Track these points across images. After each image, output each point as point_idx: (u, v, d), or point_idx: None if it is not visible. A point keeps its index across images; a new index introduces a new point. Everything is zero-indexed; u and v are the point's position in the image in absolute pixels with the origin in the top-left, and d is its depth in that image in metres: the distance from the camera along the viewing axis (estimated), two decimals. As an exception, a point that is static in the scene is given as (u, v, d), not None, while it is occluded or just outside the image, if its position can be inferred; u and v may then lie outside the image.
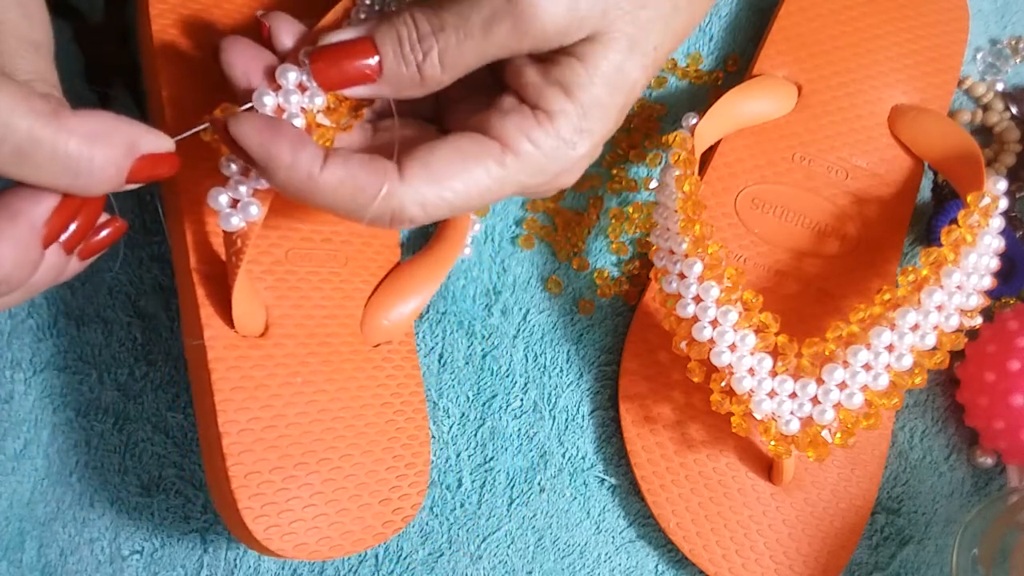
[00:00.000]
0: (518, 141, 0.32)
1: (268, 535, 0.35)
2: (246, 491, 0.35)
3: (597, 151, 0.35)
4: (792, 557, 0.41)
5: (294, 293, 0.39)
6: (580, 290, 0.46)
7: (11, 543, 0.41)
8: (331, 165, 0.30)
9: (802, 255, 0.45)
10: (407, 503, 0.39)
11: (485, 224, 0.46)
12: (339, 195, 0.31)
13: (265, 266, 0.39)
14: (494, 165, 0.32)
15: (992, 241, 0.40)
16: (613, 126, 0.34)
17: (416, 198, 0.31)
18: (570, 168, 0.34)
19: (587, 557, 0.43)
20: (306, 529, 0.36)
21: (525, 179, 0.33)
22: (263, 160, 0.30)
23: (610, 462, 0.44)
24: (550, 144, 0.32)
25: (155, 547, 0.41)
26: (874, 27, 0.48)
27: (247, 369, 0.37)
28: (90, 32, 0.44)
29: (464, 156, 0.32)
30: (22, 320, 0.42)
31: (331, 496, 0.37)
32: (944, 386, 0.46)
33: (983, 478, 0.45)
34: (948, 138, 0.45)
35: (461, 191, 0.32)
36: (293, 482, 0.36)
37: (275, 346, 0.38)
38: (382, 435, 0.39)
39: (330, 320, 0.40)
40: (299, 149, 0.30)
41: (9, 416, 0.42)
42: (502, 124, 0.32)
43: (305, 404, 0.38)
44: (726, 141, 0.46)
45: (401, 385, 0.41)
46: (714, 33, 0.50)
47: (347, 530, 0.37)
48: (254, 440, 0.36)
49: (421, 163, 0.31)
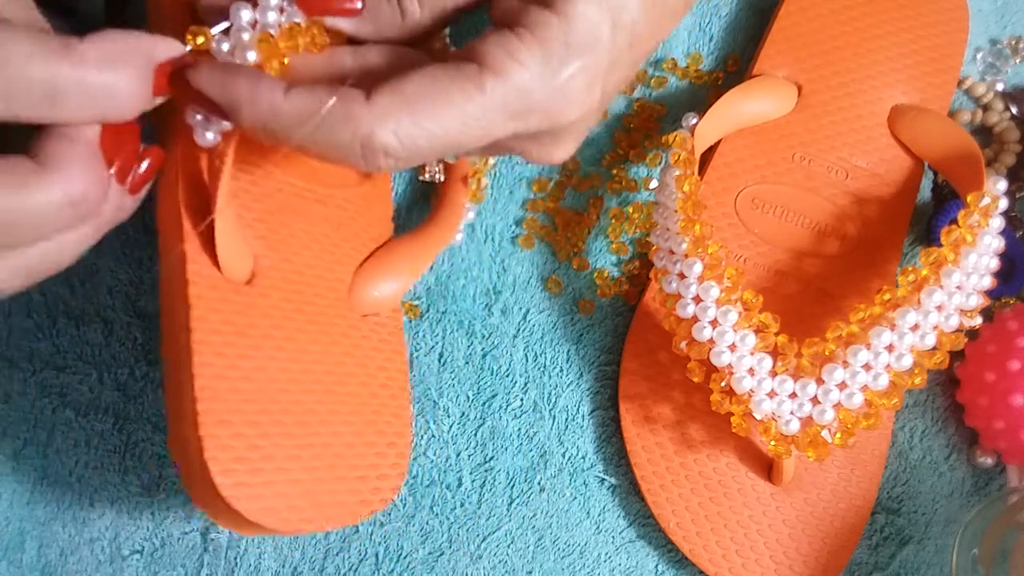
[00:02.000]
0: (499, 59, 0.30)
1: (235, 493, 0.32)
2: (215, 441, 0.32)
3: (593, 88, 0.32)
4: (792, 557, 0.41)
5: (284, 247, 0.37)
6: (580, 290, 0.46)
7: (11, 543, 0.41)
8: (293, 93, 0.30)
9: (802, 255, 0.45)
10: (386, 484, 0.37)
11: (485, 224, 0.46)
12: (305, 125, 0.29)
13: (256, 213, 0.37)
14: (473, 88, 0.29)
15: (992, 241, 0.40)
16: (607, 54, 0.31)
17: (388, 124, 0.29)
18: (562, 93, 0.31)
19: (587, 557, 0.43)
20: (277, 494, 0.33)
21: (512, 103, 0.30)
22: (225, 101, 0.30)
23: (610, 462, 0.44)
24: (534, 59, 0.30)
25: (155, 547, 0.41)
26: (874, 27, 0.48)
27: (228, 313, 0.34)
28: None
29: (438, 80, 0.29)
30: (22, 319, 0.42)
31: (307, 462, 0.34)
32: (944, 386, 0.46)
33: (983, 478, 0.45)
34: (948, 138, 0.45)
35: (438, 118, 0.29)
36: (267, 440, 0.33)
37: (260, 295, 0.36)
38: (364, 407, 0.38)
39: (318, 280, 0.38)
40: (256, 81, 0.30)
41: (9, 416, 0.42)
42: (482, 46, 0.30)
43: (286, 360, 0.35)
44: (726, 141, 0.46)
45: (388, 360, 0.39)
46: (714, 33, 0.50)
47: (320, 503, 0.35)
48: (229, 388, 0.33)
49: (391, 88, 0.29)
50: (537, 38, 0.30)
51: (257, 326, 0.35)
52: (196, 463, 0.33)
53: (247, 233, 0.37)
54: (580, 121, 0.33)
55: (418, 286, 0.45)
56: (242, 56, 0.31)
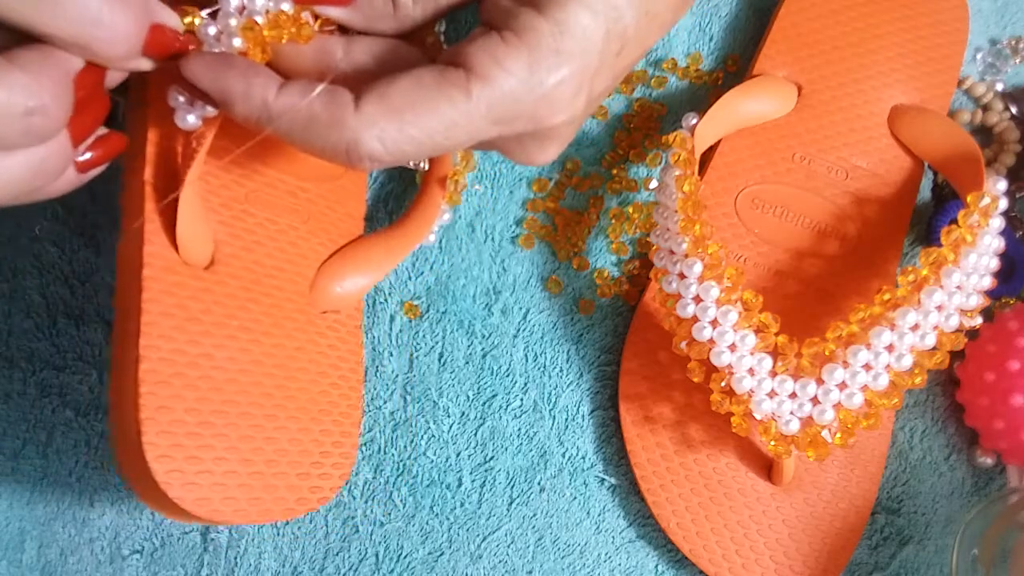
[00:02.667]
0: (485, 65, 0.29)
1: (169, 479, 0.32)
2: (154, 425, 0.32)
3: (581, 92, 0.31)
4: (792, 557, 0.41)
5: (248, 235, 0.37)
6: (580, 290, 0.46)
7: (11, 543, 0.41)
8: (286, 91, 0.30)
9: (802, 255, 0.45)
10: (326, 483, 0.37)
11: (485, 224, 0.46)
12: (294, 123, 0.30)
13: (223, 199, 0.37)
14: (459, 94, 0.29)
15: (992, 241, 0.40)
16: (600, 64, 0.31)
17: (373, 131, 0.29)
18: (547, 98, 0.30)
19: (587, 557, 0.43)
20: (212, 484, 0.33)
21: (497, 109, 0.30)
22: (218, 94, 0.30)
23: (610, 462, 0.44)
24: (520, 65, 0.29)
25: (155, 546, 0.41)
26: (874, 27, 0.48)
27: (182, 298, 0.34)
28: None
29: (425, 86, 0.29)
30: (22, 319, 0.42)
31: (246, 454, 0.34)
32: (944, 386, 0.46)
33: (983, 478, 0.45)
34: (948, 138, 0.45)
35: (422, 125, 0.29)
36: (208, 429, 0.33)
37: (217, 283, 0.35)
38: (312, 404, 0.37)
39: (279, 273, 0.38)
40: (251, 77, 0.30)
41: (8, 415, 0.42)
42: (468, 50, 0.30)
43: (237, 351, 0.35)
44: (726, 141, 0.46)
45: (341, 358, 0.39)
46: (714, 33, 0.50)
47: (256, 496, 0.34)
48: (173, 373, 0.33)
49: (378, 95, 0.29)
50: (525, 43, 0.30)
51: (211, 313, 0.35)
52: (133, 446, 0.32)
53: (211, 218, 0.36)
54: (565, 125, 0.33)
55: (418, 286, 0.45)
56: (227, 42, 0.31)
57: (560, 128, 0.32)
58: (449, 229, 0.46)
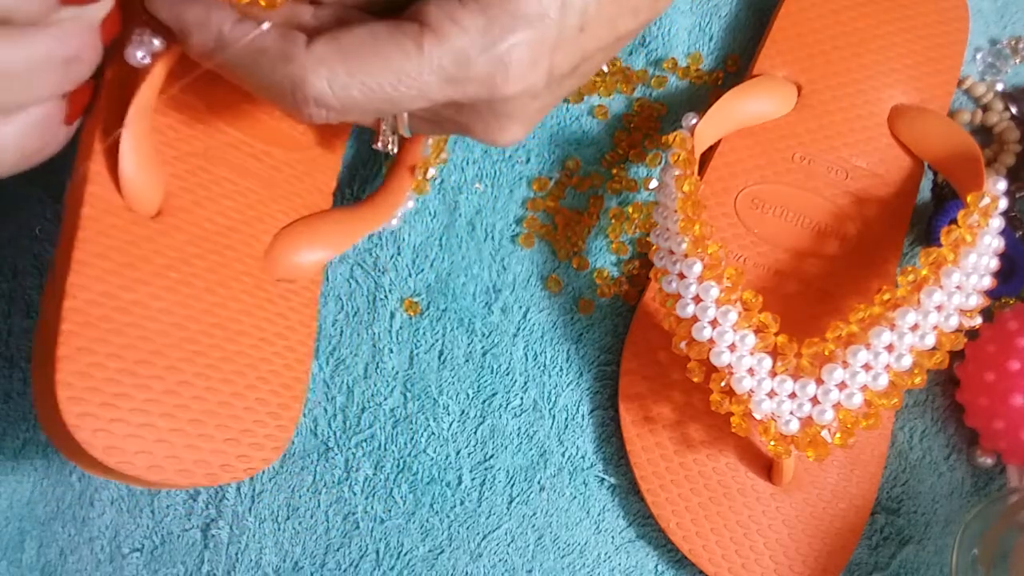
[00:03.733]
0: (439, 20, 0.30)
1: (79, 422, 0.31)
2: (71, 364, 0.31)
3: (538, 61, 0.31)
4: (792, 557, 0.41)
5: (201, 190, 0.36)
6: (580, 289, 0.46)
7: (11, 543, 0.41)
8: (242, 25, 0.30)
9: (802, 255, 0.45)
10: (257, 453, 0.36)
11: (485, 222, 0.46)
12: (244, 55, 0.30)
13: (178, 152, 0.36)
14: (411, 45, 0.30)
15: (992, 241, 0.40)
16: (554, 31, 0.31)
17: (321, 71, 0.29)
18: (502, 63, 0.30)
19: (587, 556, 0.43)
20: (126, 435, 0.32)
21: (449, 66, 0.30)
22: (176, 23, 0.31)
23: (610, 462, 0.44)
24: (475, 24, 0.30)
25: (155, 544, 0.41)
26: (874, 27, 0.48)
27: (120, 241, 0.33)
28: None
29: (377, 36, 0.30)
30: (22, 319, 0.42)
31: (168, 409, 0.33)
32: (944, 386, 0.46)
33: (983, 478, 0.45)
34: (948, 138, 0.45)
35: (373, 73, 0.30)
36: (129, 378, 0.32)
37: (160, 232, 0.34)
38: (251, 370, 0.36)
39: (231, 232, 0.37)
40: (210, 8, 0.30)
41: (8, 415, 0.42)
42: (425, 7, 0.30)
43: (174, 303, 0.34)
44: (726, 141, 0.46)
45: (290, 328, 0.38)
46: (714, 33, 0.50)
47: (174, 455, 0.33)
48: (100, 315, 0.32)
49: (330, 36, 0.30)
50: (480, 4, 0.30)
51: (150, 262, 0.34)
52: (47, 385, 0.31)
53: (163, 168, 0.36)
54: (524, 99, 0.32)
55: (418, 283, 0.45)
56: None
57: (518, 101, 0.32)
58: (449, 227, 0.46)
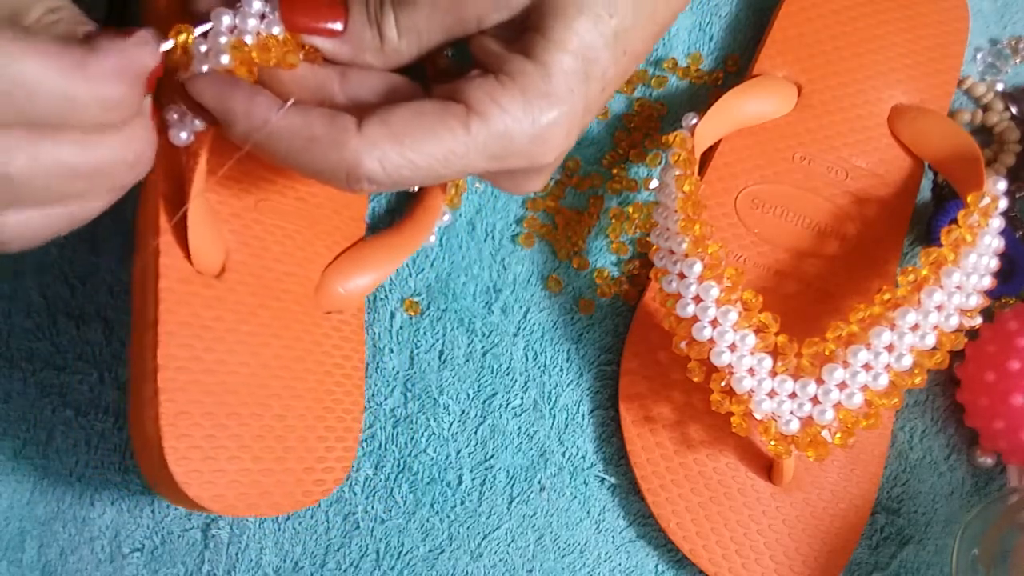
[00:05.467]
0: (483, 104, 0.31)
1: (188, 479, 0.34)
2: (174, 430, 0.34)
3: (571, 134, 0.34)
4: (792, 557, 0.41)
5: (256, 242, 0.39)
6: (580, 289, 0.46)
7: (11, 543, 0.41)
8: (288, 113, 0.31)
9: (802, 255, 0.45)
10: (329, 476, 0.39)
11: (485, 222, 0.46)
12: (294, 144, 0.31)
13: (234, 209, 0.38)
14: (459, 127, 0.31)
15: (992, 241, 0.40)
16: (583, 106, 0.33)
17: (374, 153, 0.31)
18: (541, 137, 0.33)
19: (587, 556, 0.43)
20: (227, 481, 0.35)
21: (492, 145, 0.32)
22: (221, 112, 0.31)
23: (610, 461, 0.44)
24: (516, 106, 0.32)
25: (156, 544, 0.41)
26: (874, 27, 0.48)
27: (196, 307, 0.36)
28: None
29: (426, 116, 0.31)
30: (22, 319, 0.42)
31: (257, 453, 0.37)
32: (944, 386, 0.46)
33: (983, 478, 0.45)
34: (948, 138, 0.45)
35: (422, 152, 0.31)
36: (223, 431, 0.36)
37: (228, 290, 0.37)
38: (317, 403, 0.39)
39: (287, 277, 0.39)
40: (253, 96, 0.31)
41: (9, 415, 0.42)
42: (468, 88, 0.32)
43: (248, 355, 0.37)
44: (726, 141, 0.46)
45: (345, 357, 0.41)
46: (714, 33, 0.50)
47: (266, 491, 0.37)
48: (190, 380, 0.35)
49: (380, 119, 0.31)
50: (519, 86, 0.32)
51: (223, 320, 0.37)
52: (154, 449, 0.34)
53: (221, 228, 0.38)
54: (555, 163, 0.35)
55: (419, 283, 0.45)
56: (215, 59, 0.32)
57: (550, 165, 0.35)
58: (450, 227, 0.46)
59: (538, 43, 0.32)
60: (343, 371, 0.41)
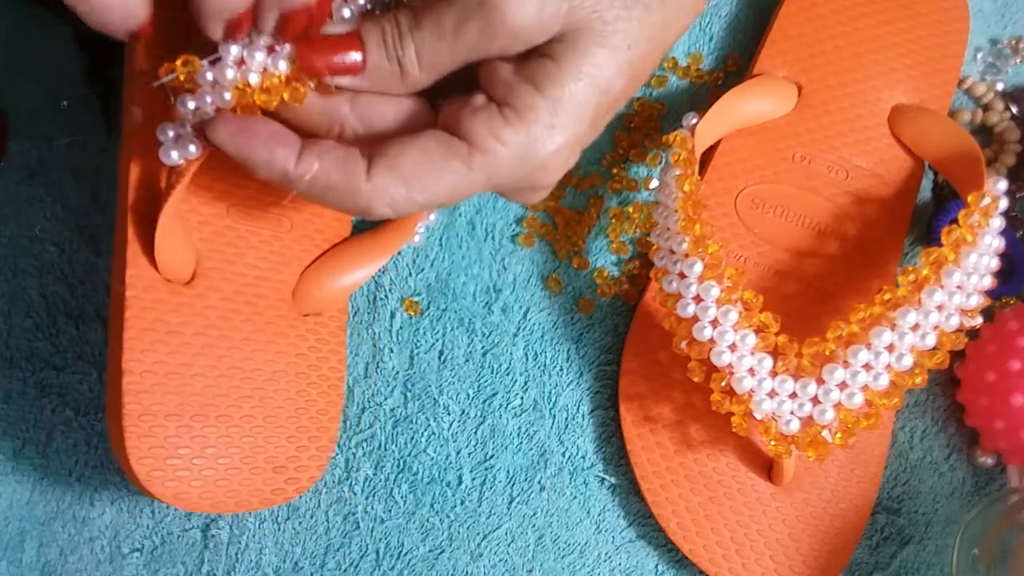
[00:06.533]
0: (485, 140, 0.32)
1: (150, 477, 0.36)
2: (136, 430, 0.36)
3: (574, 154, 0.34)
4: (792, 557, 0.41)
5: (229, 248, 0.39)
6: (580, 289, 0.46)
7: (11, 543, 0.41)
8: (304, 162, 0.32)
9: (802, 255, 0.45)
10: (303, 475, 0.40)
11: (485, 222, 0.46)
12: (313, 190, 0.33)
13: (204, 217, 0.39)
14: (461, 166, 0.32)
15: (992, 241, 0.40)
16: (589, 128, 0.34)
17: (384, 199, 0.32)
18: (543, 166, 0.33)
19: (587, 556, 0.43)
20: (190, 480, 0.37)
21: (495, 177, 0.33)
22: (241, 160, 0.32)
23: (610, 461, 0.44)
24: (518, 141, 0.32)
25: (155, 544, 0.41)
26: (874, 27, 0.48)
27: (162, 312, 0.37)
28: (90, 32, 0.44)
29: (431, 158, 0.32)
30: (22, 319, 0.42)
31: (223, 453, 0.38)
32: (944, 386, 0.46)
33: (983, 478, 0.45)
34: (948, 138, 0.45)
35: (428, 191, 0.32)
36: (186, 432, 0.37)
37: (197, 296, 0.38)
38: (290, 403, 0.40)
39: (261, 281, 0.40)
40: (273, 147, 0.32)
41: (9, 416, 0.42)
42: (470, 123, 0.32)
43: (216, 358, 0.38)
44: (726, 141, 0.46)
45: (322, 359, 0.41)
46: (714, 33, 0.50)
47: (233, 489, 0.38)
48: (155, 383, 0.36)
49: (388, 166, 0.32)
50: (524, 122, 0.32)
51: (190, 324, 0.38)
52: (120, 447, 0.36)
53: (192, 236, 0.38)
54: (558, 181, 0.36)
55: (419, 283, 0.45)
56: (220, 94, 0.32)
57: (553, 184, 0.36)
58: (449, 227, 0.46)
59: (550, 73, 0.32)
60: (319, 372, 0.41)
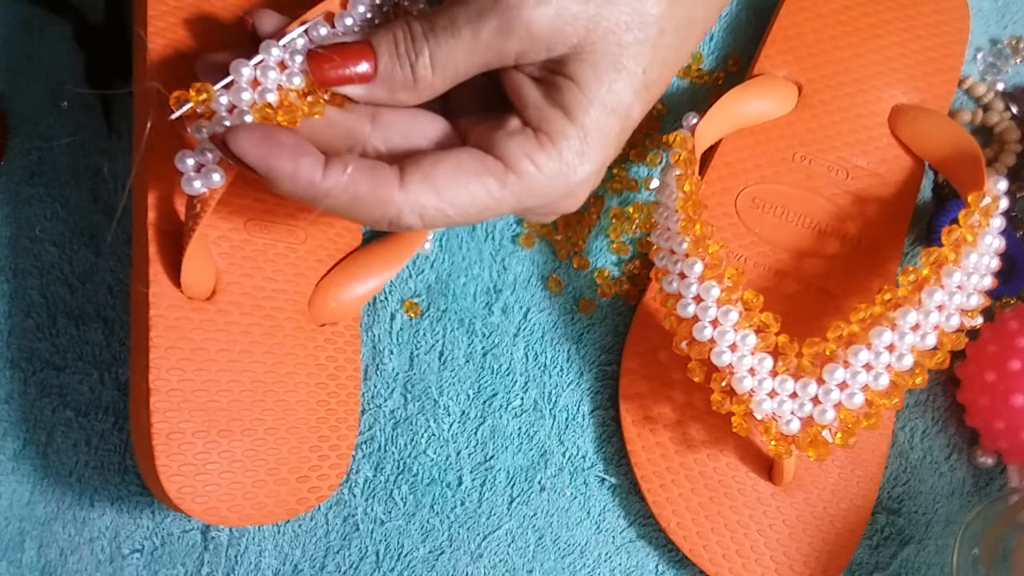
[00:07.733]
0: (521, 162, 0.32)
1: (181, 494, 0.36)
2: (166, 449, 0.36)
3: (598, 178, 0.35)
4: (792, 557, 0.41)
5: (247, 263, 0.40)
6: (580, 289, 0.46)
7: (11, 543, 0.41)
8: (332, 172, 0.31)
9: (802, 255, 0.45)
10: (324, 483, 0.40)
11: (485, 222, 0.46)
12: (340, 201, 0.31)
13: (222, 232, 0.39)
14: (495, 184, 0.32)
15: (993, 241, 0.40)
16: (613, 153, 0.35)
17: (415, 208, 0.32)
18: (571, 192, 0.34)
19: (587, 556, 0.43)
20: (219, 495, 0.37)
21: (525, 200, 0.33)
22: (265, 172, 0.31)
23: (610, 462, 0.44)
24: (552, 167, 0.33)
25: (155, 545, 0.41)
26: (874, 27, 0.48)
27: (186, 331, 0.37)
28: (90, 32, 0.44)
29: (466, 172, 0.32)
30: (22, 319, 0.42)
31: (250, 466, 0.38)
32: (944, 386, 0.46)
33: (983, 478, 0.45)
34: (949, 138, 0.45)
35: (460, 205, 0.32)
36: (215, 447, 0.37)
37: (218, 312, 0.38)
38: (311, 414, 0.40)
39: (279, 294, 0.40)
40: (299, 157, 0.31)
41: (9, 416, 0.42)
42: (507, 144, 0.33)
43: (239, 373, 0.38)
44: (726, 141, 0.46)
45: (339, 368, 0.42)
46: (714, 33, 0.50)
47: (260, 501, 0.38)
48: (182, 401, 0.37)
49: (423, 175, 0.32)
50: (557, 148, 0.33)
51: (214, 340, 0.38)
52: (149, 466, 0.36)
53: (211, 252, 0.38)
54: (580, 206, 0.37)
55: (419, 284, 0.45)
56: (239, 120, 0.32)
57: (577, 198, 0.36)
58: (449, 228, 0.46)
59: (576, 99, 0.33)
60: (337, 381, 0.41)
